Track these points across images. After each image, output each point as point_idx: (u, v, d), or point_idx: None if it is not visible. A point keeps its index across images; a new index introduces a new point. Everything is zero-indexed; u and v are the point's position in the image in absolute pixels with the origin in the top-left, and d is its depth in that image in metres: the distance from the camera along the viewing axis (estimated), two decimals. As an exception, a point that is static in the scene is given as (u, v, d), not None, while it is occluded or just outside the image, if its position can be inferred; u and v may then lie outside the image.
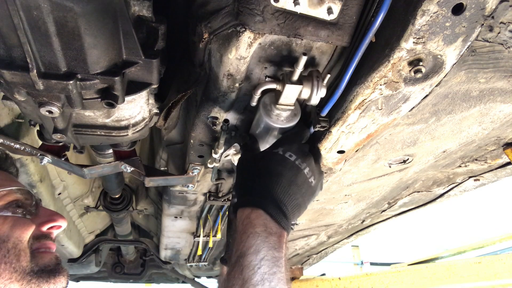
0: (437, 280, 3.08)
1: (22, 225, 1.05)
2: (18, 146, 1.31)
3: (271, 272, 0.85)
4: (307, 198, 1.05)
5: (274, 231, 0.92)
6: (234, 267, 0.88)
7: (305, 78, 1.00)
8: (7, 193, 1.09)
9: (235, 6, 0.86)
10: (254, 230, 0.91)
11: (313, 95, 1.00)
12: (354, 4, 0.86)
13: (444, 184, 1.99)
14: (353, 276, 3.69)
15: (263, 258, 0.86)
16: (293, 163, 1.02)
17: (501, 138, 1.50)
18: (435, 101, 1.09)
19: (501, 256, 2.87)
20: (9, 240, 1.01)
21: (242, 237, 0.91)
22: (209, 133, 1.34)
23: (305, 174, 1.03)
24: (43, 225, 1.13)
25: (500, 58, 0.96)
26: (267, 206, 0.94)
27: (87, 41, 0.75)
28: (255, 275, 0.84)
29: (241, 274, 0.85)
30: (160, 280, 4.97)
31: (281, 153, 1.04)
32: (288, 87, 0.99)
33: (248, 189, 1.02)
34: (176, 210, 2.29)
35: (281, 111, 1.08)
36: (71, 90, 0.82)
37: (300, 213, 1.04)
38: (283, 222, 0.94)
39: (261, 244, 0.88)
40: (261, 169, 1.03)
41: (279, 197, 0.97)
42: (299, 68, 0.94)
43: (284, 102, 1.04)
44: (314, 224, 2.44)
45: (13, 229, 1.03)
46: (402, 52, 0.82)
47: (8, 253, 1.00)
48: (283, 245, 0.92)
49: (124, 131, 1.15)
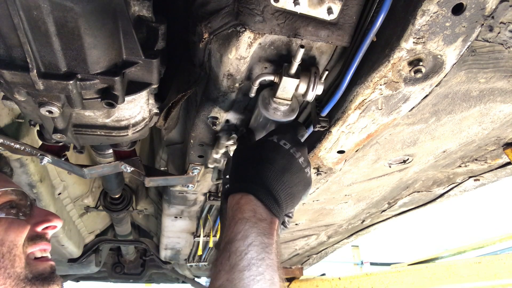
0: (437, 280, 3.08)
1: (17, 227, 1.04)
2: (18, 146, 1.31)
3: (259, 258, 0.83)
4: (302, 188, 1.02)
5: (264, 217, 0.89)
6: (222, 253, 0.86)
7: (303, 73, 1.00)
8: (1, 194, 1.07)
9: (235, 6, 0.86)
10: (242, 215, 0.88)
11: (309, 91, 1.00)
12: (354, 4, 0.86)
13: (444, 184, 1.99)
14: (353, 276, 3.69)
15: (251, 244, 0.84)
16: (287, 151, 0.99)
17: (501, 138, 1.50)
18: (435, 101, 1.09)
19: (501, 256, 2.87)
20: (3, 244, 0.99)
21: (230, 223, 0.89)
22: (209, 133, 1.34)
23: (299, 163, 1.00)
24: (38, 225, 1.11)
25: (500, 58, 0.96)
26: (257, 191, 0.92)
27: (87, 41, 0.75)
28: (242, 260, 0.81)
29: (228, 260, 0.83)
30: (160, 280, 4.98)
31: (275, 141, 1.01)
32: (285, 80, 0.98)
33: (240, 176, 1.00)
34: (176, 210, 2.29)
35: (278, 105, 1.08)
36: (71, 90, 0.82)
37: (294, 204, 1.01)
38: (274, 209, 0.92)
39: (249, 230, 0.86)
40: (254, 156, 1.01)
41: (271, 184, 0.94)
42: (297, 61, 0.94)
43: (281, 95, 1.04)
44: (314, 224, 2.44)
45: (7, 232, 1.01)
46: (402, 52, 0.82)
47: (3, 258, 0.98)
48: (273, 231, 0.89)
49: (124, 131, 1.15)
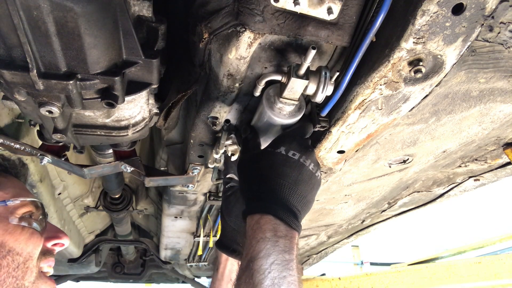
0: (437, 280, 3.09)
1: (36, 239, 1.03)
2: (18, 146, 1.31)
3: (281, 276, 0.85)
4: (315, 191, 1.05)
5: (284, 234, 0.91)
6: (244, 272, 0.89)
7: (313, 73, 0.97)
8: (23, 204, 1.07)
9: (235, 6, 0.86)
10: (264, 235, 0.90)
11: (319, 92, 0.97)
12: (354, 4, 0.86)
13: (444, 184, 1.99)
14: (353, 276, 3.70)
15: (273, 263, 0.86)
16: (297, 161, 1.01)
17: (501, 138, 1.50)
18: (435, 101, 1.09)
19: (501, 256, 2.87)
20: (21, 254, 0.99)
21: (252, 242, 0.91)
22: (209, 133, 1.34)
23: (310, 170, 1.02)
24: (48, 241, 1.11)
25: (500, 58, 0.96)
26: (276, 211, 0.94)
27: (87, 41, 0.75)
28: (265, 279, 0.84)
29: (251, 278, 0.85)
30: (160, 280, 4.97)
31: (284, 153, 1.02)
32: (294, 81, 0.95)
33: (256, 195, 1.01)
34: (176, 210, 2.29)
35: (284, 105, 1.05)
36: (71, 90, 0.82)
37: (309, 208, 1.04)
38: (293, 224, 0.94)
39: (271, 249, 0.88)
40: (265, 171, 1.02)
41: (287, 199, 0.96)
42: (307, 62, 0.91)
43: (288, 96, 1.01)
44: (314, 224, 2.44)
45: (27, 243, 1.01)
46: (402, 52, 0.82)
47: (17, 267, 0.97)
48: (294, 246, 0.92)
49: (124, 131, 1.15)
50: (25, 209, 1.07)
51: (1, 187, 1.08)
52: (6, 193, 1.07)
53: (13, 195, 1.07)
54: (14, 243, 0.98)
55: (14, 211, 1.04)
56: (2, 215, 1.01)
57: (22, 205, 1.06)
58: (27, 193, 1.13)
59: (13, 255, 0.97)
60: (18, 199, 1.07)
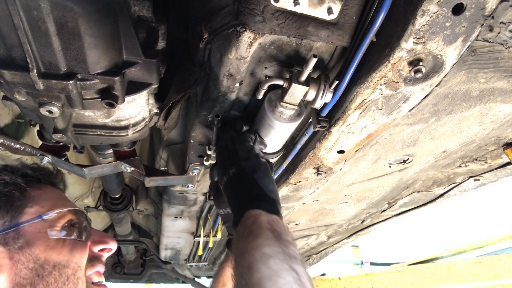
0: (437, 280, 3.09)
1: (80, 248, 1.00)
2: (18, 146, 1.31)
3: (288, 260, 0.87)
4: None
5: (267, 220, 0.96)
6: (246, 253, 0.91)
7: (313, 81, 1.01)
8: (63, 214, 1.03)
9: (235, 6, 0.86)
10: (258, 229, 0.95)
11: (318, 99, 1.01)
12: (354, 4, 0.86)
13: (444, 184, 1.99)
14: (353, 276, 3.70)
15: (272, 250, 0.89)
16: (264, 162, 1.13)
17: (501, 138, 1.50)
18: (435, 101, 1.09)
19: (501, 256, 2.87)
20: (68, 266, 0.95)
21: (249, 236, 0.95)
22: (209, 133, 1.34)
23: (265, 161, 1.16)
24: (94, 246, 1.07)
25: (500, 58, 0.96)
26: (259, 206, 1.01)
27: (87, 41, 0.75)
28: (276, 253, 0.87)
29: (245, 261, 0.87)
30: (160, 280, 4.97)
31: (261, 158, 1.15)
32: (294, 86, 0.99)
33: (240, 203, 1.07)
34: (176, 210, 2.29)
35: (284, 109, 1.09)
36: (71, 90, 0.82)
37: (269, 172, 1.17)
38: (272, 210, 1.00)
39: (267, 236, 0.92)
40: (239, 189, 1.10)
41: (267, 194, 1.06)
42: (308, 69, 0.94)
43: (289, 100, 1.05)
44: (314, 224, 2.44)
45: (72, 253, 0.97)
46: (402, 52, 0.82)
47: (68, 280, 0.94)
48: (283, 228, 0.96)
49: (124, 131, 1.15)
50: (64, 220, 1.02)
51: (36, 201, 1.02)
52: (42, 207, 1.01)
53: (49, 208, 1.02)
54: (57, 257, 0.95)
55: (53, 224, 1.00)
56: (42, 231, 0.97)
57: (60, 217, 1.02)
58: (64, 202, 1.08)
59: (59, 269, 0.94)
60: (54, 211, 1.01)
